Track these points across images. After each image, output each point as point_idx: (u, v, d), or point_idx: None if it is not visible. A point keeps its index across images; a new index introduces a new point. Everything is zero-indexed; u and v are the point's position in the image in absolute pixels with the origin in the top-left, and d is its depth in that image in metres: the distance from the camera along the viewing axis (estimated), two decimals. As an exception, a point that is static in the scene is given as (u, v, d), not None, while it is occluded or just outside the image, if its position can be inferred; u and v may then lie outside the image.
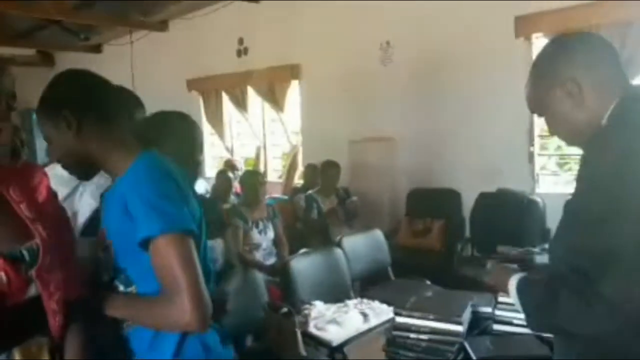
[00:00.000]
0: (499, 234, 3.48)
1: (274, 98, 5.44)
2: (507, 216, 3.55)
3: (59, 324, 0.97)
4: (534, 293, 1.07)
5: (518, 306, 1.11)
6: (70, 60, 7.90)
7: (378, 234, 3.38)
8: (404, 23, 4.44)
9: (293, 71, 5.27)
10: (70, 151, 1.08)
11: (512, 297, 1.12)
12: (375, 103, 4.68)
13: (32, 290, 0.94)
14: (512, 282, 1.11)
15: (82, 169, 1.13)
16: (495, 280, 1.22)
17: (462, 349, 1.61)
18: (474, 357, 1.56)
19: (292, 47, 5.24)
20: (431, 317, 1.61)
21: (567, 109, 1.08)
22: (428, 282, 3.05)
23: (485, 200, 3.87)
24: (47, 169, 1.16)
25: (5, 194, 0.96)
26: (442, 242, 4.11)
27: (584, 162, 1.08)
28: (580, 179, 1.06)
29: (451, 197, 4.24)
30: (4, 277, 0.89)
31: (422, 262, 3.85)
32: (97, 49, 7.42)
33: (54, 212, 1.04)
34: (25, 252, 0.93)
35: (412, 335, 1.62)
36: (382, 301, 2.49)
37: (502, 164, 4.03)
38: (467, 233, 4.09)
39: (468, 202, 4.02)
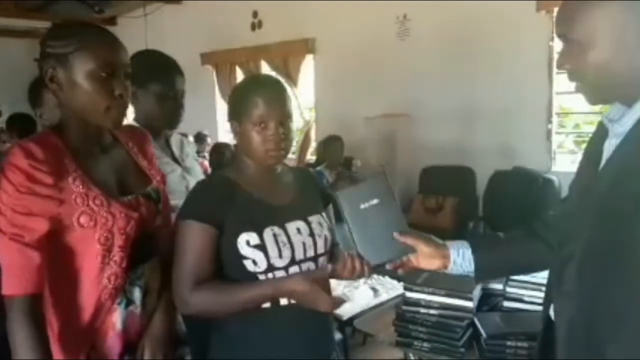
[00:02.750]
0: (513, 213, 3.45)
1: (288, 73, 5.39)
2: (521, 195, 3.51)
3: (167, 246, 1.22)
4: None
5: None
6: (85, 33, 7.90)
7: (390, 211, 3.38)
8: (421, -4, 4.34)
9: (308, 45, 5.21)
10: None
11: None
12: (390, 78, 4.61)
13: (159, 220, 1.20)
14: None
15: None
16: None
17: (472, 324, 1.61)
18: (483, 333, 1.57)
19: (307, 21, 5.17)
20: (442, 292, 1.61)
21: (610, 53, 0.89)
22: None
23: (500, 178, 3.82)
24: None
25: (127, 149, 1.21)
26: (455, 220, 4.09)
27: (623, 157, 0.91)
28: (614, 175, 0.91)
29: (465, 174, 4.20)
30: (145, 211, 1.15)
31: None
32: (111, 21, 7.40)
33: (156, 164, 1.30)
34: (152, 192, 1.20)
35: (422, 310, 1.62)
36: (393, 277, 2.50)
37: (518, 142, 3.98)
38: (480, 212, 4.07)
39: (482, 180, 3.99)
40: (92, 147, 1.13)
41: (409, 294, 1.66)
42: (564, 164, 3.95)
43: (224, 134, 6.49)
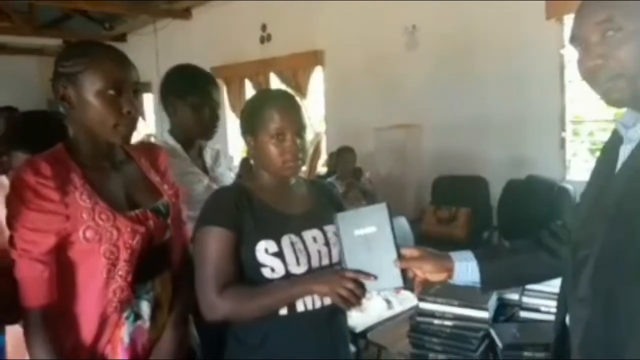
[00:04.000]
0: (528, 222, 3.40)
1: (297, 85, 5.41)
2: (536, 204, 3.46)
3: (178, 260, 1.26)
4: None
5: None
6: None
7: (403, 222, 3.34)
8: (430, 6, 4.34)
9: (316, 57, 5.23)
10: None
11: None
12: (400, 89, 4.61)
13: (167, 234, 1.22)
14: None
15: None
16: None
17: (488, 335, 1.57)
18: (499, 344, 1.53)
19: (316, 33, 5.20)
20: (456, 303, 1.58)
21: (628, 52, 0.85)
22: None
23: (513, 187, 3.78)
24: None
25: (139, 164, 1.24)
26: (468, 230, 4.04)
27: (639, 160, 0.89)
28: (629, 179, 0.89)
29: (478, 184, 4.15)
30: (152, 225, 1.16)
31: (447, 250, 3.78)
32: (121, 38, 7.52)
33: (170, 178, 1.31)
34: (161, 206, 1.21)
35: (436, 322, 1.59)
36: (406, 288, 2.46)
37: (532, 151, 3.93)
38: (495, 221, 4.02)
39: (496, 190, 3.94)
40: (102, 162, 1.15)
41: (422, 305, 1.62)
42: (579, 172, 3.89)
43: (235, 147, 6.52)
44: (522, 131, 3.95)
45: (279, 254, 1.17)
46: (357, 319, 2.19)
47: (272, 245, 1.16)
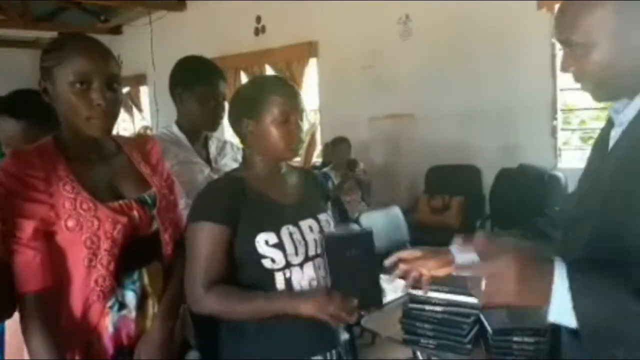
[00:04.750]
0: (520, 210, 3.46)
1: (292, 76, 5.42)
2: (527, 192, 3.51)
3: (169, 252, 1.25)
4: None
5: (569, 317, 0.77)
6: (91, 42, 7.98)
7: (396, 211, 3.39)
8: (423, -4, 4.36)
9: (311, 49, 5.24)
10: None
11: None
12: (394, 79, 4.63)
13: (154, 226, 1.22)
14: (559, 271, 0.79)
15: None
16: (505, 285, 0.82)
17: (478, 321, 1.62)
18: (489, 329, 1.58)
19: (310, 25, 5.20)
20: (446, 289, 1.62)
21: (612, 52, 0.89)
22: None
23: (505, 176, 3.83)
24: None
25: (130, 157, 1.24)
26: (461, 219, 4.10)
27: (630, 140, 0.92)
28: (621, 158, 0.92)
29: (471, 173, 4.21)
30: (136, 215, 1.17)
31: (440, 239, 3.81)
32: (117, 30, 7.48)
33: (162, 170, 1.32)
34: (147, 197, 1.21)
35: (428, 308, 1.63)
36: (401, 277, 2.51)
37: (523, 139, 3.98)
38: (487, 210, 4.08)
39: (488, 179, 3.99)
40: (89, 154, 1.17)
41: (414, 292, 1.67)
42: (571, 160, 3.95)
43: (230, 138, 6.54)
44: (514, 120, 3.99)
45: (279, 245, 1.19)
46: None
47: (272, 237, 1.18)
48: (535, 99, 3.90)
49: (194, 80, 1.69)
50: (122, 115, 8.09)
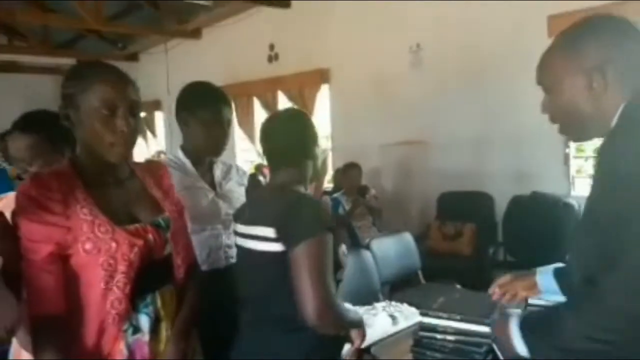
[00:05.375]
0: (533, 238, 3.41)
1: (304, 102, 5.49)
2: (541, 220, 3.47)
3: (181, 275, 1.27)
4: (538, 321, 1.04)
5: (520, 345, 1.03)
6: (108, 68, 8.18)
7: (408, 237, 3.36)
8: (434, 25, 4.42)
9: (323, 76, 5.32)
10: None
11: (514, 338, 1.05)
12: (405, 106, 4.66)
13: (168, 249, 1.23)
14: (513, 324, 1.06)
15: None
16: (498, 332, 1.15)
17: (490, 350, 1.59)
18: (502, 359, 1.54)
19: (322, 52, 5.29)
20: (458, 317, 1.60)
21: (582, 100, 1.01)
22: (459, 286, 3.01)
23: (518, 203, 3.79)
24: None
25: (143, 181, 1.27)
26: (474, 246, 4.05)
27: (598, 165, 1.02)
28: (595, 182, 1.01)
29: (483, 200, 4.18)
30: (151, 239, 1.18)
31: (453, 266, 3.81)
32: (134, 57, 7.68)
33: (173, 195, 1.34)
34: (162, 221, 1.23)
35: (439, 336, 1.61)
36: (412, 304, 2.48)
37: (536, 167, 3.95)
38: (500, 237, 4.03)
39: (501, 206, 3.96)
40: (105, 178, 1.19)
41: (425, 320, 1.65)
42: (584, 188, 3.91)
43: (243, 163, 6.59)
44: (526, 147, 3.98)
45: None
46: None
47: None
48: (547, 126, 3.84)
49: (198, 105, 1.70)
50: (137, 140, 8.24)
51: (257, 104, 6.15)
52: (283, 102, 5.83)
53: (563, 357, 0.95)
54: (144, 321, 1.18)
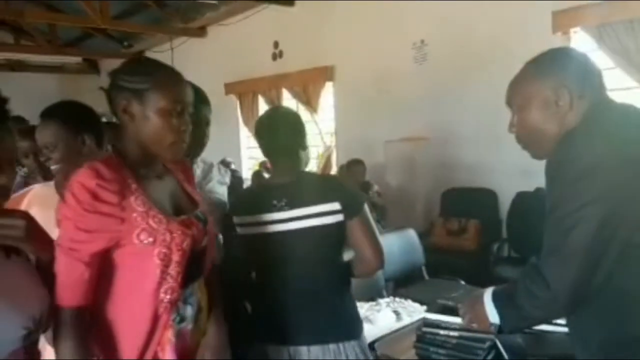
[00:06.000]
0: (537, 235, 3.40)
1: (308, 100, 5.50)
2: (545, 217, 3.47)
3: (209, 267, 1.32)
4: (504, 293, 1.18)
5: (493, 315, 1.17)
6: (114, 67, 8.22)
7: (412, 234, 3.38)
8: (438, 21, 4.41)
9: (327, 73, 5.33)
10: None
11: (488, 310, 1.18)
12: (409, 102, 4.67)
13: (205, 241, 1.27)
14: (487, 295, 1.19)
15: None
16: (470, 313, 1.26)
17: (494, 346, 1.60)
18: (505, 356, 1.56)
19: (326, 49, 5.30)
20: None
21: (545, 116, 1.13)
22: (463, 283, 3.02)
23: (522, 200, 3.79)
24: None
25: (176, 177, 1.31)
26: (478, 242, 4.06)
27: (554, 161, 1.11)
28: (549, 179, 1.10)
29: (487, 196, 4.18)
30: (195, 230, 1.22)
31: (457, 262, 3.82)
32: (139, 55, 7.71)
33: (198, 192, 1.40)
34: (200, 214, 1.27)
35: (442, 332, 1.62)
36: (415, 300, 2.49)
37: (540, 163, 3.90)
38: (504, 234, 4.03)
39: (505, 202, 3.96)
40: (150, 172, 1.21)
41: (428, 316, 1.67)
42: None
43: (247, 161, 6.62)
44: (531, 144, 3.96)
45: None
46: (366, 330, 2.23)
47: None
48: (552, 122, 3.87)
49: None
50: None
51: (261, 101, 6.17)
52: (287, 100, 5.84)
53: (529, 326, 1.19)
54: (189, 310, 1.22)
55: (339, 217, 1.49)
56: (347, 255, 1.58)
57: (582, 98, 1.11)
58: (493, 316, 1.18)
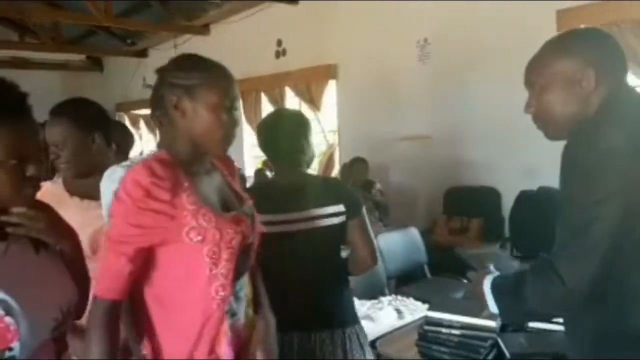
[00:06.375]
0: (540, 234, 3.40)
1: (311, 98, 5.50)
2: (548, 216, 3.43)
3: (253, 262, 1.32)
4: (505, 284, 1.15)
5: (492, 305, 1.15)
6: (117, 64, 8.24)
7: (414, 232, 3.38)
8: (442, 19, 4.41)
9: (330, 71, 5.33)
10: None
11: (487, 299, 1.16)
12: (413, 101, 4.66)
13: (250, 238, 1.26)
14: (486, 282, 1.17)
15: None
16: (474, 290, 1.24)
17: (495, 344, 1.61)
18: (507, 354, 1.56)
19: (329, 48, 5.30)
20: (463, 312, 1.62)
21: (567, 96, 1.08)
22: (465, 281, 3.03)
23: (525, 199, 3.78)
24: None
25: (222, 173, 1.31)
26: (480, 241, 4.06)
27: (572, 146, 1.07)
28: (564, 165, 1.06)
29: (490, 195, 4.18)
30: (244, 226, 1.22)
31: (459, 261, 3.81)
32: (143, 53, 7.72)
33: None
34: (247, 210, 1.28)
35: (444, 330, 1.63)
36: (417, 298, 2.50)
37: (543, 162, 3.92)
38: (506, 232, 4.02)
39: (508, 201, 3.95)
40: (199, 169, 1.21)
41: (430, 314, 1.67)
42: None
43: (250, 159, 6.62)
44: (534, 142, 3.95)
45: None
46: (367, 328, 2.24)
47: None
48: (555, 121, 3.86)
49: None
50: (147, 135, 8.28)
51: (264, 99, 6.17)
52: (290, 98, 5.85)
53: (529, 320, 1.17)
54: (240, 305, 1.22)
55: (343, 218, 1.60)
56: (344, 253, 1.67)
57: (606, 81, 1.06)
58: (492, 305, 1.17)
